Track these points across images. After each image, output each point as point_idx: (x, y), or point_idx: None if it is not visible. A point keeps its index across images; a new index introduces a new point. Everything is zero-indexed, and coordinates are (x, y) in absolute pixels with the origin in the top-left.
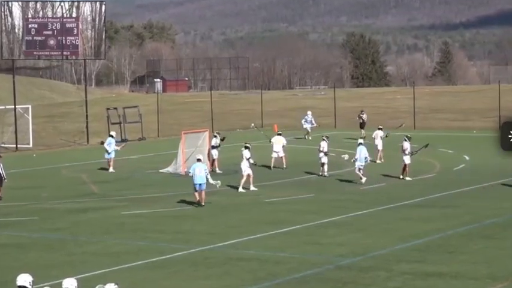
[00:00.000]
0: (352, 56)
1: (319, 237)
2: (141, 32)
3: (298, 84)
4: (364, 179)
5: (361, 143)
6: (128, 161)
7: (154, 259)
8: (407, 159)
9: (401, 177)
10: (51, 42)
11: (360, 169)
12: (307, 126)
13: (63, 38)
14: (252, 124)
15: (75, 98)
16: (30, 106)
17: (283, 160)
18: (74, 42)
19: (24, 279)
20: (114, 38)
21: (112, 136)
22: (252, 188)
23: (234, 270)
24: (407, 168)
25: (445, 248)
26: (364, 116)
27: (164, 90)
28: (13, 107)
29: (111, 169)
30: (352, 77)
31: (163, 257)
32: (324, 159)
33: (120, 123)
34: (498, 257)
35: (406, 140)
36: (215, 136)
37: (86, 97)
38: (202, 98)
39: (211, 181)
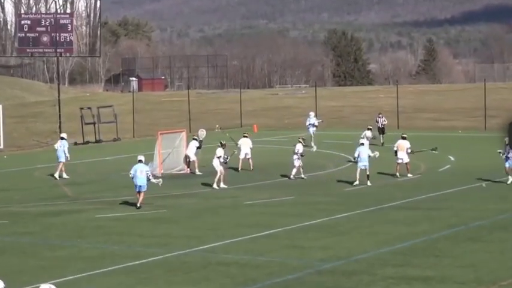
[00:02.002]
0: (334, 53)
1: (300, 240)
2: (115, 29)
3: (278, 82)
4: (357, 182)
5: (362, 143)
6: (102, 162)
7: (129, 264)
8: (406, 158)
9: (409, 175)
10: (45, 39)
11: (361, 169)
12: (312, 130)
13: (57, 34)
14: (217, 126)
15: (47, 97)
16: (0, 106)
17: (250, 162)
18: (68, 39)
19: None
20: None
21: (64, 138)
22: (222, 185)
23: (212, 275)
24: (409, 166)
25: (430, 251)
26: (381, 120)
27: (140, 89)
28: None
29: (65, 174)
30: (334, 76)
31: (139, 262)
32: (297, 162)
33: (94, 123)
34: (485, 261)
35: (404, 139)
36: (194, 139)
37: (58, 96)
38: (179, 97)
39: (153, 180)
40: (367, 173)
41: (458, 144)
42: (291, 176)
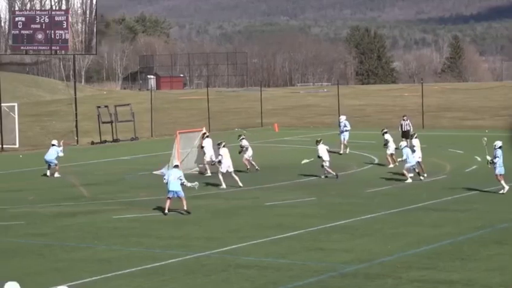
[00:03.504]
0: (357, 51)
1: (323, 242)
2: (133, 26)
3: (299, 81)
4: (409, 180)
5: (406, 146)
6: (119, 162)
7: (148, 266)
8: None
9: (425, 175)
10: (40, 36)
11: (409, 169)
12: (344, 136)
13: (52, 31)
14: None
15: (63, 95)
16: (16, 104)
17: (253, 163)
18: (63, 36)
19: (12, 287)
20: (105, 32)
21: (55, 145)
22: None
23: (232, 277)
24: (422, 165)
25: (456, 254)
26: (405, 123)
27: (158, 87)
28: None
29: (57, 174)
30: (356, 74)
31: (158, 264)
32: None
33: (111, 122)
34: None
35: (416, 138)
36: (207, 136)
37: (75, 94)
38: (198, 95)
39: (188, 185)
40: (413, 172)
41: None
42: (325, 175)
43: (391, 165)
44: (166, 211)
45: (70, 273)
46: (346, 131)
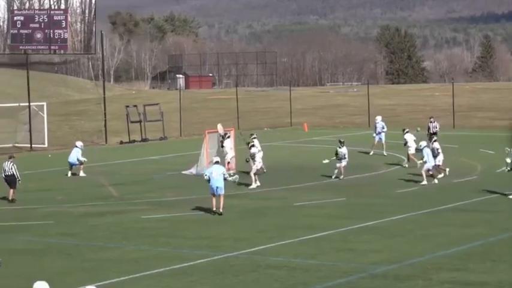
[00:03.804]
0: (387, 50)
1: (352, 243)
2: (162, 25)
3: (329, 80)
4: (424, 182)
5: (425, 146)
6: (148, 162)
7: (176, 266)
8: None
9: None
10: (38, 35)
11: (428, 170)
12: (380, 137)
13: (51, 31)
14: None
15: (92, 95)
16: (45, 103)
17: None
18: (62, 35)
19: (41, 287)
20: (134, 31)
21: (77, 146)
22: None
23: (261, 278)
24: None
25: (487, 255)
26: (433, 125)
27: (187, 86)
28: (27, 104)
29: (82, 173)
30: (387, 73)
31: (186, 264)
32: (339, 163)
33: (140, 121)
34: None
35: (436, 141)
36: (229, 137)
37: (104, 94)
38: (227, 95)
39: (230, 179)
40: (430, 172)
41: None
42: (339, 176)
43: (405, 165)
44: (214, 208)
45: (98, 273)
46: (383, 132)
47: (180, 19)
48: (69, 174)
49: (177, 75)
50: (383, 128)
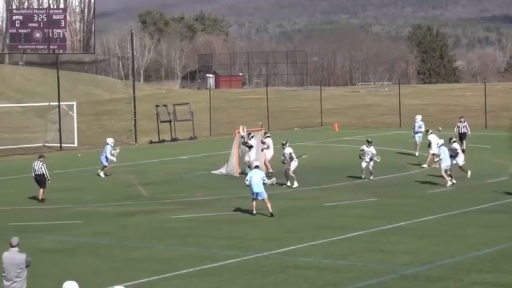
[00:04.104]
0: (419, 49)
1: (383, 244)
2: (192, 24)
3: (360, 80)
4: (449, 183)
5: (443, 144)
6: (178, 161)
7: (206, 266)
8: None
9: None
10: (37, 35)
11: (446, 170)
12: (419, 136)
13: (50, 30)
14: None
15: (122, 94)
16: (75, 103)
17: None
18: (61, 35)
19: (70, 286)
20: (164, 31)
21: (108, 143)
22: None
23: (291, 278)
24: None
25: None
26: (462, 125)
27: (217, 86)
28: (57, 103)
29: (102, 173)
30: (418, 73)
31: (216, 264)
32: (364, 164)
33: (170, 121)
34: None
35: (455, 141)
36: (253, 137)
37: (134, 93)
38: (257, 94)
39: (268, 182)
40: (448, 173)
41: None
42: (370, 177)
43: (425, 165)
44: (254, 211)
45: (127, 273)
46: (421, 132)
47: (210, 18)
48: (102, 173)
49: (207, 75)
50: (420, 127)
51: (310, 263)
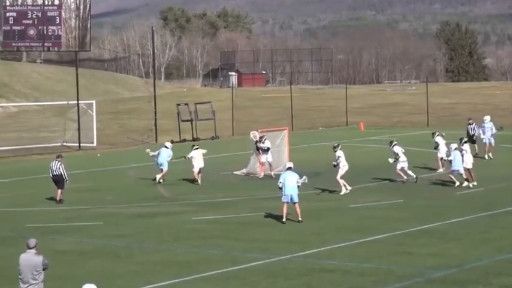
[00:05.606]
0: (447, 47)
1: (409, 246)
2: (214, 21)
3: (386, 78)
4: (457, 183)
5: (456, 148)
6: None
7: (228, 269)
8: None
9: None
10: (31, 32)
11: (452, 171)
12: (488, 137)
13: (45, 27)
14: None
15: (142, 92)
16: (94, 101)
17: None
18: (56, 32)
19: None
20: (186, 28)
21: (167, 147)
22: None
23: (315, 282)
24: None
25: None
26: (471, 127)
27: (239, 84)
28: (76, 102)
29: (158, 176)
30: (446, 71)
31: (238, 267)
32: (399, 165)
33: (191, 120)
34: None
35: (466, 142)
36: (266, 139)
37: (154, 92)
38: (281, 93)
39: (299, 181)
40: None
41: None
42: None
43: (440, 170)
44: (284, 219)
45: (148, 276)
46: (492, 133)
47: (233, 15)
48: (157, 178)
49: (230, 73)
50: (492, 129)
51: (335, 265)
